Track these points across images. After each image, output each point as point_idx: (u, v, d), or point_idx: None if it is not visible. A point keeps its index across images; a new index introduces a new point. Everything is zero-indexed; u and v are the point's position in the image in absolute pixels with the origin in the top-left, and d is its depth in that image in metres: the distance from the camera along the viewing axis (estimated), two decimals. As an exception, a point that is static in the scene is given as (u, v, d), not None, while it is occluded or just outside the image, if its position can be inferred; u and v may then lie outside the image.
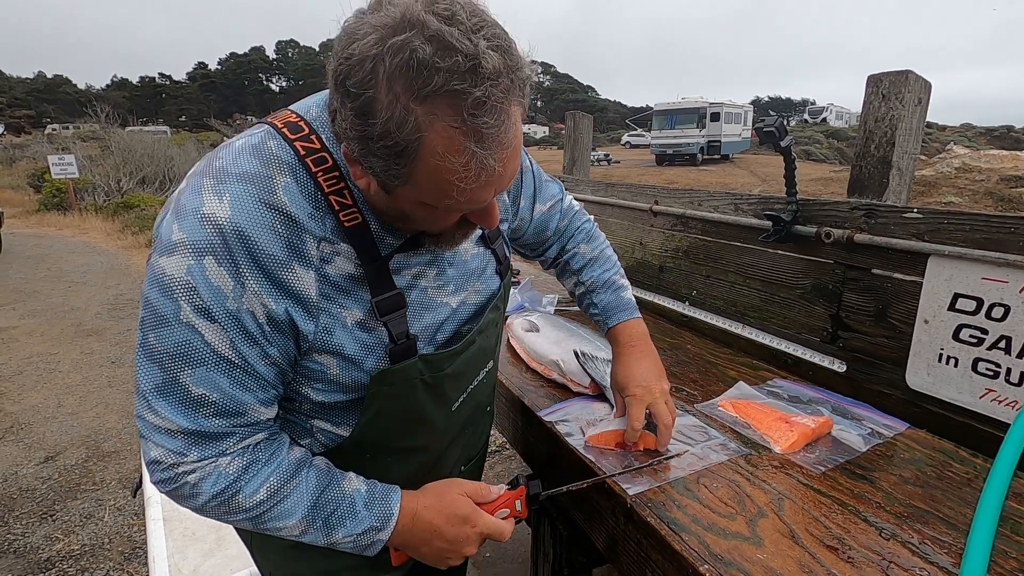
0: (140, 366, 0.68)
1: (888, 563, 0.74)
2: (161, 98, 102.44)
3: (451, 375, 0.84)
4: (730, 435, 1.07)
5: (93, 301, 6.01)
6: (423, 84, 0.53)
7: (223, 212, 0.64)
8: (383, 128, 0.56)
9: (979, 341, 1.06)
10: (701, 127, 29.51)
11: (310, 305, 0.70)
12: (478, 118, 0.55)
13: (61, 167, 12.40)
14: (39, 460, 2.96)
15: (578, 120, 2.55)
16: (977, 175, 14.87)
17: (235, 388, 0.69)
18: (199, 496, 0.71)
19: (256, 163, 0.67)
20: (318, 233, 0.69)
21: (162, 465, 0.70)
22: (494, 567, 2.15)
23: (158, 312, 0.65)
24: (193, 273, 0.63)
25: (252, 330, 0.67)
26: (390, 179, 0.61)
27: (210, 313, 0.65)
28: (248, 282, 0.65)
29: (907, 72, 1.23)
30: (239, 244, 0.64)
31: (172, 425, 0.68)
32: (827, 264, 1.34)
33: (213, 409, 0.69)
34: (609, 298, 1.11)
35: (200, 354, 0.66)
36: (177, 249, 0.64)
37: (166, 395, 0.67)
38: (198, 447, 0.70)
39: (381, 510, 0.78)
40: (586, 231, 1.16)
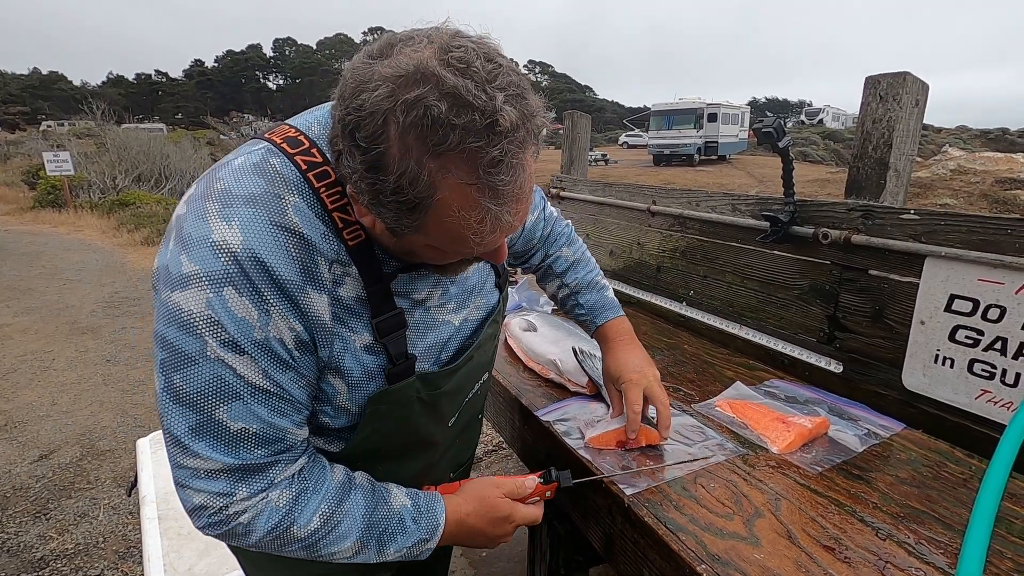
0: (168, 412, 0.65)
1: (884, 563, 0.74)
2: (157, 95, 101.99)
3: (448, 392, 0.84)
4: (727, 435, 1.07)
5: (88, 299, 5.98)
6: (438, 142, 0.52)
7: (235, 239, 0.61)
8: (395, 183, 0.54)
9: (975, 342, 1.06)
10: (698, 128, 29.56)
11: (325, 330, 0.68)
12: (494, 176, 0.54)
13: (56, 164, 12.32)
14: (33, 458, 2.94)
15: (576, 120, 2.54)
16: (972, 177, 14.95)
17: (273, 416, 0.67)
18: (253, 534, 0.69)
19: (262, 183, 0.64)
20: (330, 255, 0.67)
21: (210, 510, 0.67)
22: (491, 566, 2.15)
23: (181, 351, 0.62)
24: (214, 307, 0.61)
25: (283, 356, 0.65)
26: (400, 228, 0.60)
27: (238, 346, 0.62)
28: (272, 309, 0.63)
29: (905, 74, 1.24)
30: (258, 271, 0.61)
31: (215, 465, 0.66)
32: (824, 265, 1.34)
33: (255, 441, 0.66)
34: (595, 298, 1.13)
35: (234, 388, 0.64)
36: (191, 282, 0.60)
37: (204, 436, 0.64)
38: (246, 483, 0.68)
39: (428, 523, 0.80)
40: (566, 235, 1.18)
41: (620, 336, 1.10)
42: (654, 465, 0.97)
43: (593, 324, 1.12)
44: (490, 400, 1.43)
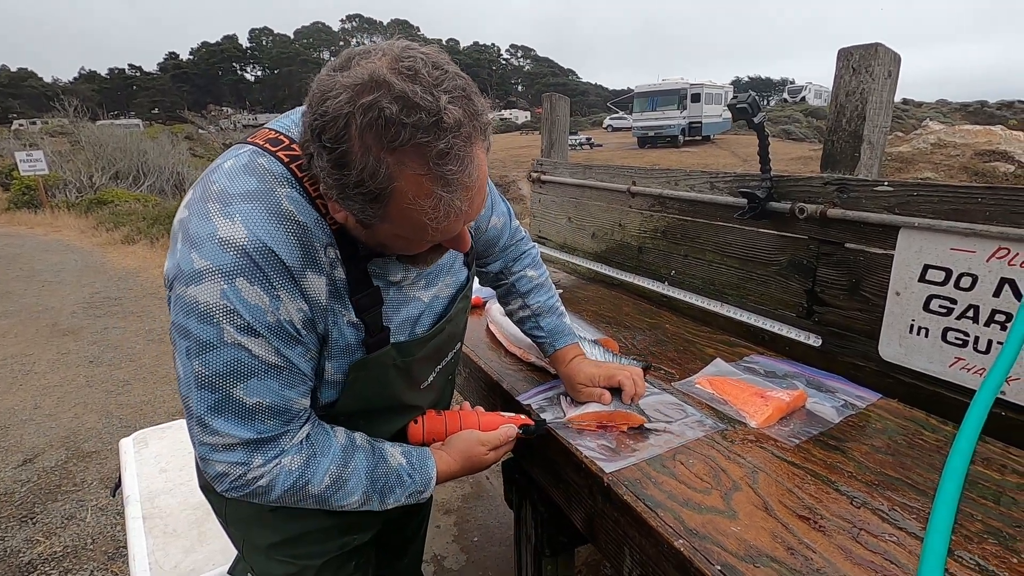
0: (189, 394, 0.72)
1: (858, 530, 0.75)
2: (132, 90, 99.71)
3: (420, 359, 0.91)
4: (707, 412, 1.08)
5: (68, 300, 5.88)
6: (392, 138, 0.59)
7: (240, 232, 0.67)
8: (358, 177, 0.61)
9: (948, 311, 1.07)
10: (682, 108, 29.48)
11: (321, 309, 0.75)
12: (443, 166, 0.61)
13: (29, 163, 12.02)
14: (17, 463, 2.90)
15: (555, 102, 2.52)
16: (952, 150, 15.12)
17: (284, 388, 0.75)
18: (272, 492, 0.78)
19: (254, 180, 0.70)
20: (324, 239, 0.73)
21: (230, 477, 0.76)
22: (482, 551, 2.17)
23: (201, 339, 0.69)
24: (229, 296, 0.67)
25: (292, 334, 0.73)
26: (367, 218, 0.67)
27: (253, 329, 0.70)
28: (281, 293, 0.70)
29: (876, 45, 1.23)
30: (266, 259, 0.68)
31: (232, 440, 0.74)
32: (802, 240, 1.34)
33: (268, 413, 0.75)
34: (555, 323, 1.20)
35: (250, 367, 0.71)
36: (204, 276, 0.67)
37: (223, 412, 0.72)
38: (260, 452, 0.76)
39: (422, 477, 0.91)
40: (532, 256, 1.24)
41: (578, 355, 1.17)
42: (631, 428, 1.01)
43: (552, 347, 1.19)
44: (472, 386, 1.43)
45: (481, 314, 1.67)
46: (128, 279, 6.76)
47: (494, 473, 2.67)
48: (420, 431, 0.98)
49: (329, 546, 0.98)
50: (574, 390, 1.12)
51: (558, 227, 2.36)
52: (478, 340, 1.50)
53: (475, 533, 2.26)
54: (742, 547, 0.73)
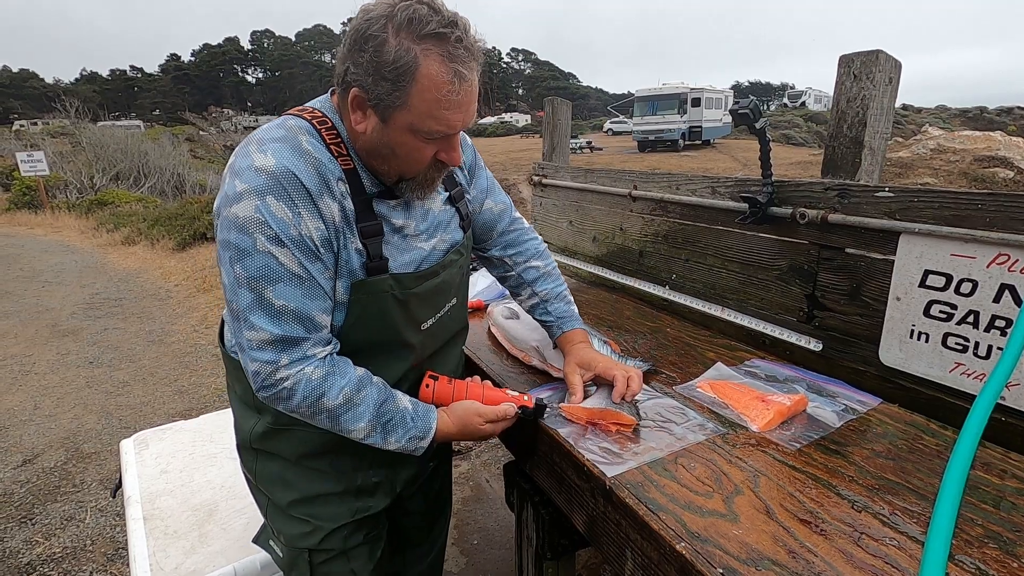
0: (233, 294, 0.88)
1: (860, 534, 0.75)
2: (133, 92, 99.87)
3: (417, 295, 1.02)
4: (708, 415, 1.08)
5: (68, 301, 5.88)
6: (421, 28, 0.80)
7: (270, 162, 0.85)
8: (395, 55, 0.81)
9: (948, 316, 1.08)
10: (682, 113, 29.51)
11: (334, 230, 0.90)
12: (456, 51, 0.82)
13: (30, 164, 12.03)
14: (16, 463, 2.90)
15: (556, 106, 2.53)
16: (952, 156, 15.15)
17: (305, 298, 0.89)
18: (293, 398, 0.91)
19: (283, 131, 0.90)
20: (336, 174, 0.91)
21: (261, 375, 0.90)
22: (482, 553, 2.17)
23: (240, 247, 0.85)
24: (261, 211, 0.84)
25: (312, 249, 0.88)
26: (392, 102, 0.84)
27: (280, 240, 0.85)
28: (301, 211, 0.86)
29: (877, 52, 1.24)
30: (289, 181, 0.85)
31: (265, 335, 0.88)
32: (802, 245, 1.35)
33: (292, 316, 0.88)
34: (563, 308, 1.29)
35: (277, 273, 0.86)
36: (243, 196, 0.84)
37: (257, 310, 0.87)
38: (287, 352, 0.89)
39: (423, 425, 1.01)
40: (536, 248, 1.34)
41: (584, 340, 1.25)
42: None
43: (559, 330, 1.27)
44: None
45: (483, 317, 1.67)
46: (128, 280, 6.76)
47: (494, 476, 2.67)
48: (430, 394, 1.07)
49: (342, 510, 1.09)
50: (569, 366, 1.19)
51: (559, 231, 2.37)
52: (480, 343, 1.50)
53: (475, 536, 2.26)
54: (744, 550, 0.73)
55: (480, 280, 1.89)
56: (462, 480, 2.64)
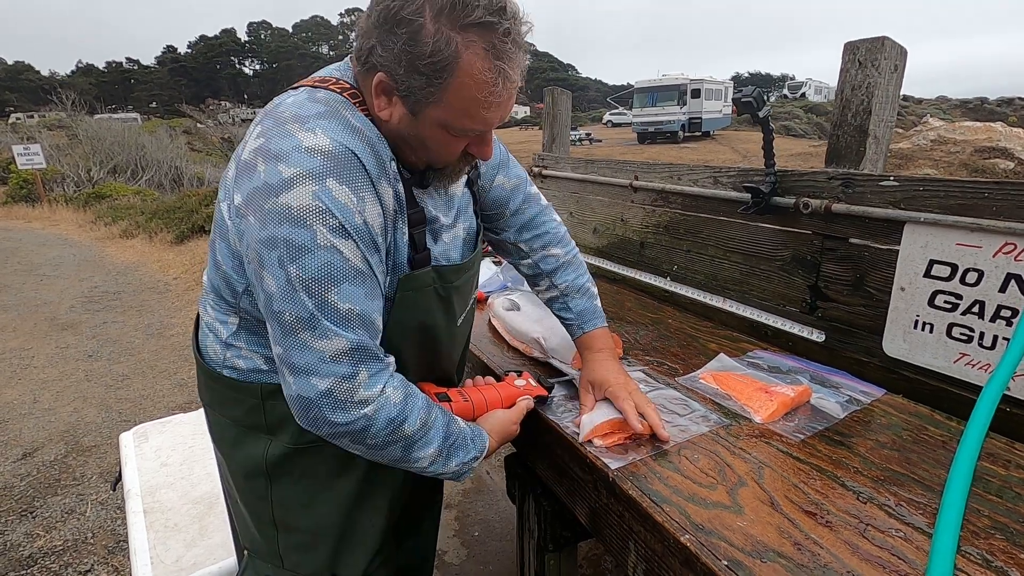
0: (284, 303, 0.74)
1: (865, 526, 0.75)
2: (129, 84, 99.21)
3: (457, 288, 0.96)
4: (711, 407, 1.07)
5: (67, 294, 5.86)
6: (465, 16, 0.69)
7: (324, 141, 0.73)
8: (432, 48, 0.70)
9: (953, 306, 1.07)
10: (682, 104, 29.38)
11: (390, 217, 0.81)
12: (504, 44, 0.72)
13: (27, 157, 11.96)
14: (16, 457, 2.90)
15: (556, 96, 2.51)
16: (952, 147, 15.11)
17: (368, 299, 0.78)
18: (372, 427, 0.79)
19: (320, 105, 0.77)
20: (388, 153, 0.81)
21: (333, 395, 0.75)
22: (483, 545, 2.17)
23: (295, 244, 0.72)
24: (321, 197, 0.71)
25: (373, 239, 0.78)
26: (424, 97, 0.74)
27: (345, 230, 0.73)
28: (364, 195, 0.75)
29: (883, 39, 1.22)
30: (350, 161, 0.74)
31: (342, 344, 0.75)
32: (805, 235, 1.34)
33: (359, 322, 0.76)
34: (585, 304, 1.16)
35: (342, 271, 0.74)
36: (295, 182, 0.71)
37: (323, 318, 0.74)
38: (366, 365, 0.77)
39: (480, 443, 0.94)
40: (555, 234, 1.19)
41: (604, 347, 1.13)
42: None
43: (580, 329, 1.15)
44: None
45: (483, 309, 1.66)
46: (127, 273, 6.74)
47: (495, 468, 2.67)
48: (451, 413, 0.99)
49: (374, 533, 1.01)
50: (582, 384, 1.10)
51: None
52: (481, 335, 1.49)
53: (476, 528, 2.26)
54: (748, 542, 0.72)
55: (481, 271, 1.88)
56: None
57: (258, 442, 0.94)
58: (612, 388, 1.03)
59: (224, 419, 0.97)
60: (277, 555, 0.99)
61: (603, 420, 0.98)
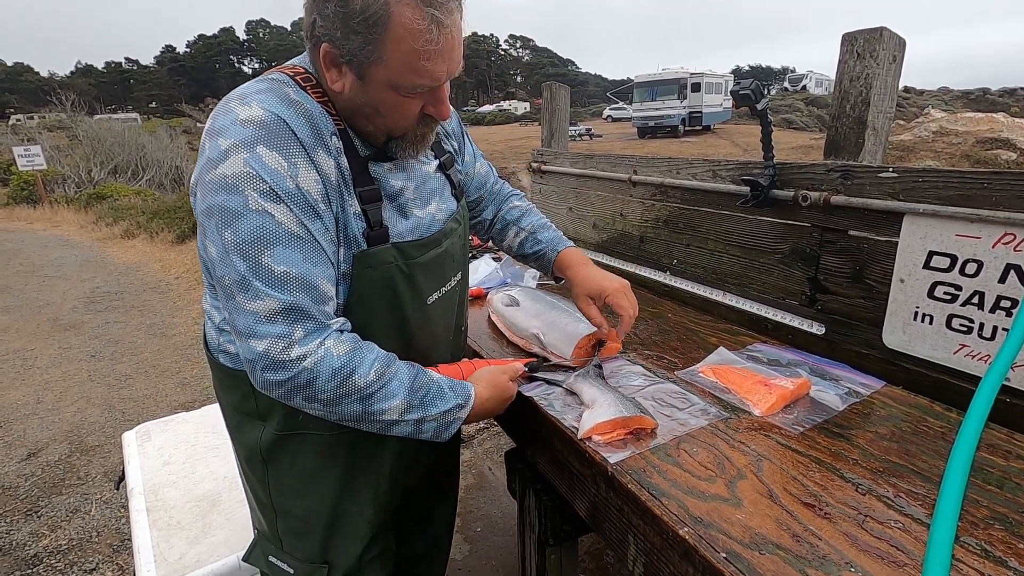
0: (222, 268, 0.77)
1: (864, 517, 0.75)
2: (129, 84, 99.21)
3: (422, 266, 0.96)
4: (710, 400, 1.07)
5: (69, 295, 5.88)
6: None
7: (258, 112, 0.77)
8: (361, 5, 0.73)
9: (953, 298, 1.07)
10: (682, 98, 29.27)
11: (332, 188, 0.83)
12: None
13: (28, 158, 11.98)
14: (20, 457, 2.91)
15: (554, 91, 2.50)
16: (954, 138, 15.03)
17: (307, 262, 0.79)
18: (316, 381, 0.79)
19: (264, 84, 0.83)
20: (330, 128, 0.84)
21: (271, 355, 0.77)
22: (485, 540, 2.18)
23: (228, 209, 0.75)
24: (251, 164, 0.75)
25: (311, 204, 0.79)
26: (366, 57, 0.77)
27: (275, 194, 0.76)
28: (297, 161, 0.78)
29: (881, 29, 1.22)
30: (281, 129, 0.77)
31: (273, 304, 0.76)
32: (805, 227, 1.33)
33: (296, 284, 0.78)
34: (551, 235, 1.29)
35: (275, 234, 0.76)
36: (230, 153, 0.75)
37: (256, 278, 0.76)
38: (301, 324, 0.78)
39: (462, 392, 0.94)
40: (515, 193, 1.36)
41: (582, 259, 1.24)
42: None
43: (555, 252, 1.26)
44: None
45: (483, 305, 1.66)
46: (128, 274, 6.75)
47: (496, 464, 2.68)
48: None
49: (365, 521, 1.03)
50: (579, 299, 1.19)
51: (559, 217, 2.35)
52: (480, 331, 1.49)
53: (478, 523, 2.27)
54: (747, 534, 0.72)
55: (481, 268, 1.88)
56: (464, 468, 2.65)
57: (254, 428, 0.97)
58: (612, 296, 1.15)
59: (227, 405, 1.01)
60: (277, 538, 1.03)
61: (604, 419, 0.98)
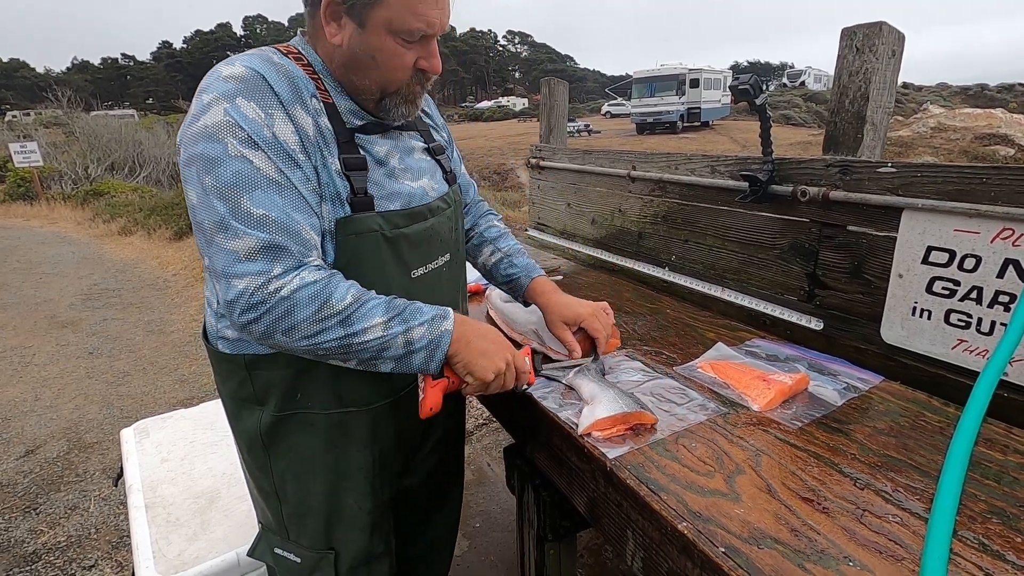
0: (202, 212, 0.79)
1: (862, 511, 0.75)
2: (126, 80, 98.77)
3: (407, 237, 0.96)
4: (709, 396, 1.07)
5: (66, 292, 5.86)
6: None
7: (239, 69, 0.83)
8: None
9: (951, 293, 1.07)
10: (681, 94, 29.19)
11: (310, 142, 0.86)
12: None
13: (24, 155, 11.91)
14: (19, 454, 2.91)
15: (553, 87, 2.49)
16: (952, 134, 15.04)
17: (287, 207, 0.81)
18: (295, 309, 0.79)
19: (253, 51, 0.89)
20: (310, 89, 0.88)
21: (250, 290, 0.78)
22: (484, 536, 2.18)
23: (208, 156, 0.79)
24: (231, 113, 0.79)
25: (289, 154, 0.83)
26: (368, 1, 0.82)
27: (253, 141, 0.80)
28: (274, 112, 0.82)
29: (880, 24, 1.21)
30: (259, 83, 0.82)
31: (251, 241, 0.78)
32: (803, 223, 1.33)
33: (276, 227, 0.80)
34: (526, 261, 1.31)
35: (254, 179, 0.79)
36: (211, 106, 0.80)
37: (233, 220, 0.78)
38: (280, 261, 0.80)
39: (439, 309, 0.92)
40: (493, 212, 1.39)
41: (553, 287, 1.27)
42: None
43: (528, 279, 1.28)
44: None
45: (482, 301, 1.66)
46: (126, 270, 6.74)
47: (495, 459, 2.68)
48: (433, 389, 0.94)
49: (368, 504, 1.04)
50: (555, 325, 1.20)
51: (557, 213, 2.35)
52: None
53: (477, 519, 2.27)
54: (746, 529, 0.73)
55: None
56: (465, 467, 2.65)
57: (252, 414, 0.98)
58: (586, 321, 1.18)
59: (226, 396, 1.02)
60: (283, 527, 1.04)
61: (604, 415, 0.98)
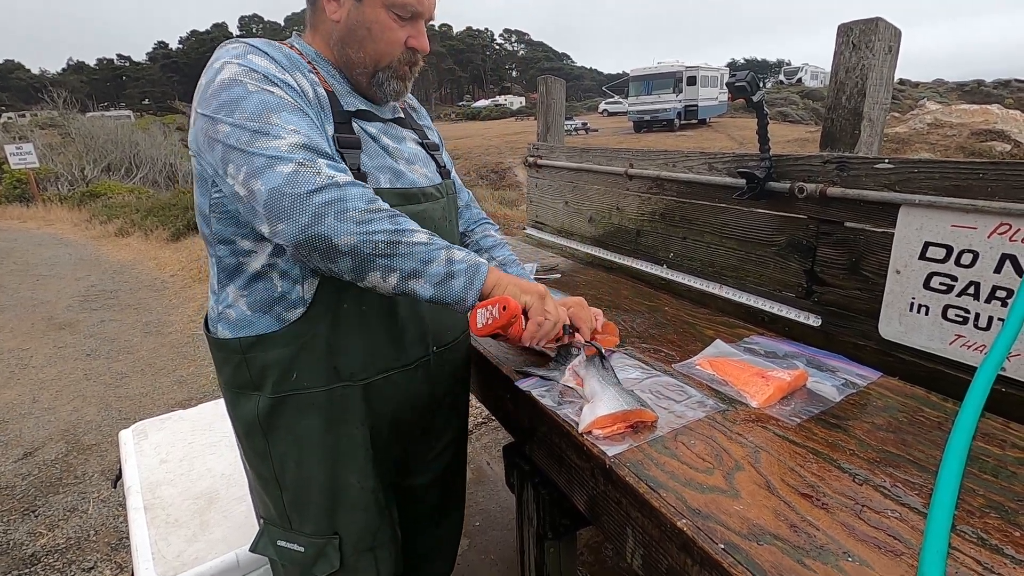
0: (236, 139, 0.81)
1: (861, 507, 0.75)
2: (121, 81, 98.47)
3: None
4: (707, 392, 1.08)
5: (63, 294, 5.85)
6: None
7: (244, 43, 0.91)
8: None
9: (949, 288, 1.07)
10: (678, 92, 29.21)
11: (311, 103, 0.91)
12: None
13: (20, 157, 11.87)
14: (17, 457, 2.90)
15: (550, 84, 2.49)
16: (949, 130, 15.07)
17: (312, 129, 0.86)
18: (347, 197, 0.80)
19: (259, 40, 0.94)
20: (306, 66, 0.96)
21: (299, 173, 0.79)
22: (484, 535, 2.18)
23: (231, 99, 0.83)
24: (245, 63, 0.86)
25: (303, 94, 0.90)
26: None
27: (270, 80, 0.86)
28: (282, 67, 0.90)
29: (877, 20, 1.21)
30: (263, 48, 0.91)
31: (290, 139, 0.81)
32: (801, 219, 1.33)
33: (306, 141, 0.82)
34: (519, 271, 1.32)
35: (279, 104, 0.84)
36: (225, 67, 0.86)
37: (269, 128, 0.81)
38: (322, 157, 0.83)
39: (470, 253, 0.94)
40: (489, 222, 1.40)
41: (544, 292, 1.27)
42: None
43: None
44: (473, 371, 1.42)
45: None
46: (123, 272, 6.72)
47: (495, 458, 2.68)
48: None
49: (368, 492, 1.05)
50: None
51: (555, 211, 2.34)
52: None
53: (476, 518, 2.28)
54: (745, 526, 0.73)
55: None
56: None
57: (249, 401, 0.99)
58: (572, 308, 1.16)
59: (224, 385, 1.03)
60: (285, 516, 1.04)
61: (605, 413, 0.98)
